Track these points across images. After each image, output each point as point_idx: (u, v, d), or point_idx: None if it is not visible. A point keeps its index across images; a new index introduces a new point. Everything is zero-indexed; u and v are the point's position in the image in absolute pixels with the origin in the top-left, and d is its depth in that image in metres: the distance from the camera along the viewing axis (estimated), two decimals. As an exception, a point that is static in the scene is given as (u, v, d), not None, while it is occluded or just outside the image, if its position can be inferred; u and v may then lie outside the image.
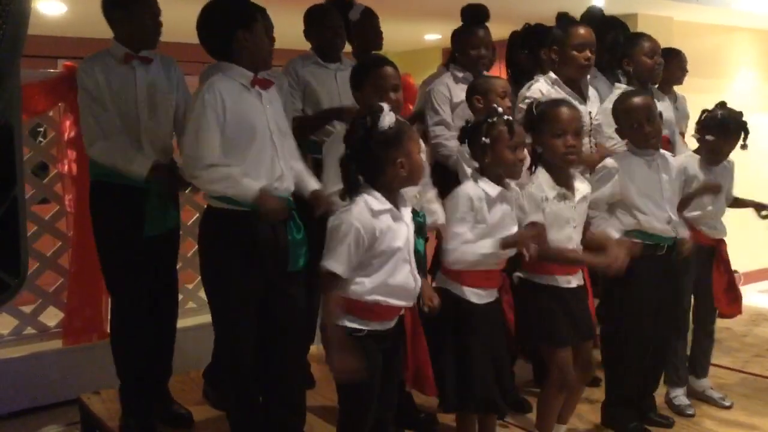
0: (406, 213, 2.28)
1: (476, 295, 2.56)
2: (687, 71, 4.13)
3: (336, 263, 2.15)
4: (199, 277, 3.22)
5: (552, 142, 2.67)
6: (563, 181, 2.71)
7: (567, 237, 2.70)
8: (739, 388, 3.63)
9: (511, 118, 2.57)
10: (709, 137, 3.23)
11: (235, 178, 2.50)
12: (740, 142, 3.22)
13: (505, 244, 2.49)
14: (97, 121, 2.88)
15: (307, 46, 3.65)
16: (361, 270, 2.20)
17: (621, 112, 2.96)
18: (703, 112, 3.31)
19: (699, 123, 3.31)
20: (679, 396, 3.36)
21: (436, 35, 7.47)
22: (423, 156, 2.51)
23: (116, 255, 2.97)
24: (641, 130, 2.90)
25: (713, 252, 3.31)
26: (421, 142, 2.79)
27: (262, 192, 2.51)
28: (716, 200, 3.29)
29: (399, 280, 2.23)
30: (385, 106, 2.24)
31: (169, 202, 3.02)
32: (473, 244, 2.49)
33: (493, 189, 2.53)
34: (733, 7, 6.16)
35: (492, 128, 2.51)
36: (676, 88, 4.09)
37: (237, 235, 2.56)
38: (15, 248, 0.99)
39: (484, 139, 2.51)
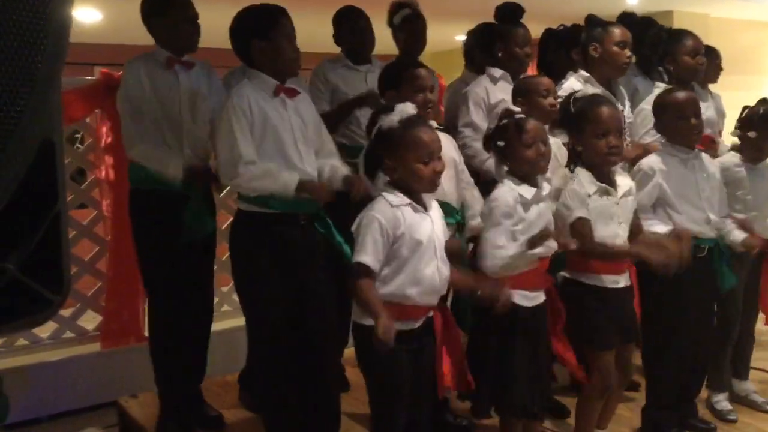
0: (432, 209, 2.29)
1: (524, 298, 2.49)
2: (722, 69, 4.04)
3: (364, 255, 2.17)
4: (233, 281, 3.25)
5: (594, 143, 2.61)
6: (604, 177, 2.65)
7: (613, 233, 2.63)
8: (783, 393, 3.54)
9: (523, 116, 2.53)
10: (751, 133, 3.16)
11: (274, 172, 2.55)
12: None
13: (532, 243, 2.42)
14: (135, 125, 2.93)
15: (335, 48, 3.64)
16: (387, 265, 2.21)
17: (666, 106, 2.90)
18: (745, 108, 3.24)
19: (740, 119, 3.24)
20: (721, 401, 3.29)
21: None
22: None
23: (155, 261, 3.02)
24: (687, 124, 2.83)
25: (764, 254, 3.23)
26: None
27: (302, 182, 2.55)
28: None
29: (424, 275, 2.23)
30: (398, 107, 2.26)
31: (205, 208, 3.05)
32: (501, 249, 2.44)
33: (527, 191, 2.50)
34: (772, 1, 6.03)
35: (504, 130, 2.52)
36: (712, 86, 4.01)
37: (267, 237, 2.59)
38: (57, 265, 0.99)
39: (499, 142, 2.52)
